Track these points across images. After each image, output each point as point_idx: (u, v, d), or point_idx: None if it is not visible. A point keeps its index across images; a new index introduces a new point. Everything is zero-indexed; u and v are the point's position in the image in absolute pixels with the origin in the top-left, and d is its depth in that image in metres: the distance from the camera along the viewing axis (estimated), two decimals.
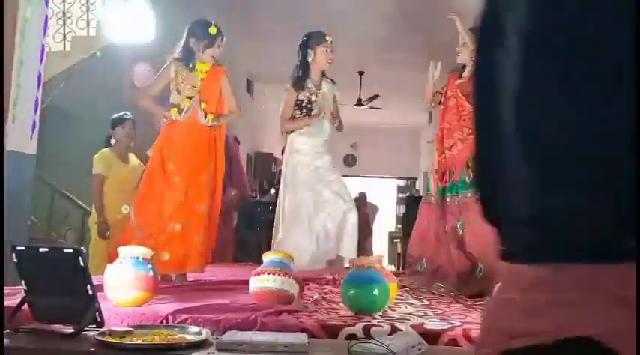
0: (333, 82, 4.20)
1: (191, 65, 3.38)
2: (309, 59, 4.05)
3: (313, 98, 4.07)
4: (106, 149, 4.69)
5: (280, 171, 4.67)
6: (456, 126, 3.55)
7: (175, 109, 3.33)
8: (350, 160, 13.84)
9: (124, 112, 4.78)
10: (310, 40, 4.06)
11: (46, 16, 3.83)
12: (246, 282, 2.60)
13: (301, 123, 4.09)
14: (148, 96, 3.49)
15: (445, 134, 3.62)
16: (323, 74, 4.14)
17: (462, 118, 3.54)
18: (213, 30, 3.38)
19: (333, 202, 4.00)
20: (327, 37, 4.05)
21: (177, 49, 3.42)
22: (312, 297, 2.78)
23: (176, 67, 3.38)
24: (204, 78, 3.41)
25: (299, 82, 4.08)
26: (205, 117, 3.36)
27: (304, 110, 4.09)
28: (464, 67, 3.69)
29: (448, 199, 3.49)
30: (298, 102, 4.09)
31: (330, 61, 4.08)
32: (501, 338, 0.65)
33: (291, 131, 4.16)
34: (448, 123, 3.63)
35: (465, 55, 3.64)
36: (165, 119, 3.43)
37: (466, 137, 3.48)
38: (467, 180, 3.40)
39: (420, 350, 1.80)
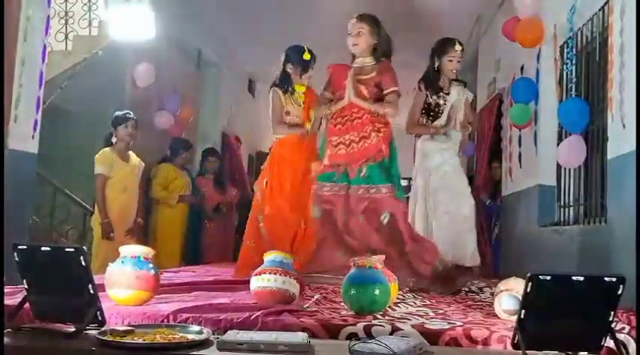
0: (464, 83, 4.14)
1: (290, 89, 3.80)
2: (436, 65, 4.06)
3: (441, 102, 4.04)
4: (107, 149, 4.69)
5: None
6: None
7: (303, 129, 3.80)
8: None
9: (126, 111, 4.78)
10: (439, 48, 4.08)
11: (48, 16, 3.85)
12: (247, 282, 2.60)
13: (427, 131, 4.09)
14: (281, 125, 3.81)
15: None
16: (453, 79, 4.10)
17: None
18: (307, 56, 3.78)
19: (455, 208, 3.91)
20: (457, 47, 4.02)
21: (276, 75, 3.85)
22: (313, 297, 2.78)
23: (278, 93, 3.82)
24: (304, 100, 3.83)
25: (429, 84, 4.05)
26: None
27: (431, 115, 4.08)
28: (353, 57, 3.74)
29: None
30: (426, 105, 4.07)
31: (453, 70, 4.07)
32: None
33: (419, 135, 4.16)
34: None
35: (363, 45, 3.67)
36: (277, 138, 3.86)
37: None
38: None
39: (420, 350, 1.80)
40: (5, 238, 2.32)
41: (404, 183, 4.15)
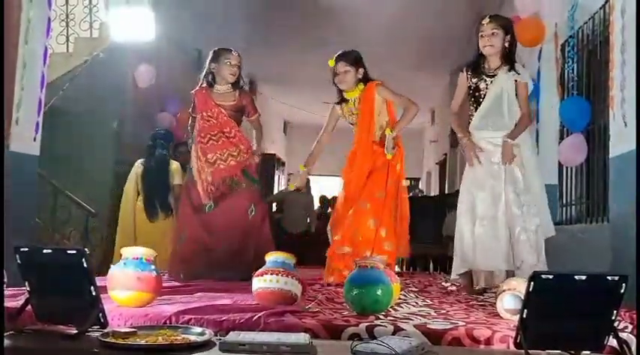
0: (514, 69, 3.45)
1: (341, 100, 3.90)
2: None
3: (482, 85, 3.48)
4: (176, 161, 5.09)
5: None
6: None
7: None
8: None
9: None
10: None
11: (49, 18, 3.84)
12: (249, 283, 2.60)
13: (458, 124, 3.61)
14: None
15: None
16: (504, 61, 3.46)
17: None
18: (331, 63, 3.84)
19: (499, 205, 3.39)
20: (485, 20, 3.46)
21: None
22: (315, 298, 2.78)
23: (336, 108, 3.93)
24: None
25: (472, 66, 3.53)
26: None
27: (473, 99, 3.52)
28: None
29: None
30: (470, 89, 3.52)
31: (485, 47, 3.42)
32: None
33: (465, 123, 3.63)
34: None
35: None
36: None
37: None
38: None
39: (423, 350, 1.80)
40: (8, 240, 2.32)
41: (405, 183, 4.08)
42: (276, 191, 11.51)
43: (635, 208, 2.64)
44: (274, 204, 8.83)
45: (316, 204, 9.52)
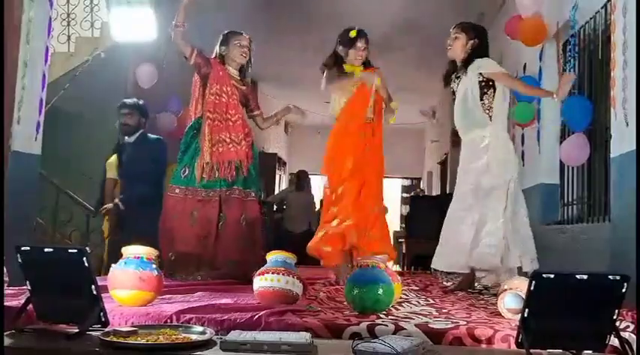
0: (471, 68, 3.56)
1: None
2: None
3: (455, 88, 3.70)
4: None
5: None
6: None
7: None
8: None
9: None
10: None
11: (50, 18, 3.84)
12: (250, 282, 2.60)
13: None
14: None
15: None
16: (465, 63, 3.60)
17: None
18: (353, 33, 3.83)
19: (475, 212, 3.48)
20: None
21: None
22: (317, 297, 2.78)
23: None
24: None
25: (447, 72, 3.76)
26: None
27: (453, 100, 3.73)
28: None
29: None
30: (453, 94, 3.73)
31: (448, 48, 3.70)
32: None
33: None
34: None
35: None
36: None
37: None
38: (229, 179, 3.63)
39: (424, 349, 1.80)
40: (10, 240, 2.32)
41: (406, 182, 4.10)
42: (277, 191, 11.50)
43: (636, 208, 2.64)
44: (275, 204, 8.83)
45: (317, 205, 9.51)
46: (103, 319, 1.92)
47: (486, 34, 3.73)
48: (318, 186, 9.97)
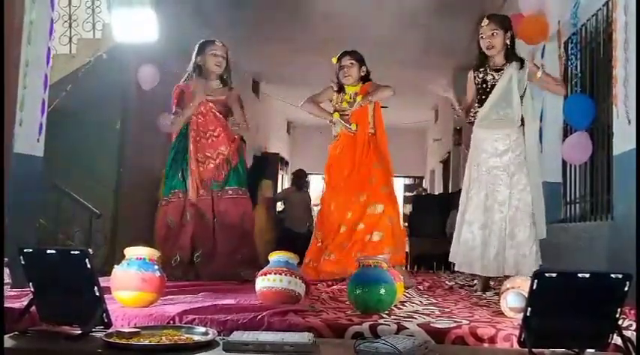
0: (521, 61, 3.47)
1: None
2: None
3: (489, 78, 3.47)
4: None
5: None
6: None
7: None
8: None
9: None
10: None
11: (52, 19, 3.85)
12: (252, 283, 2.61)
13: (464, 114, 3.56)
14: None
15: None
16: (507, 56, 3.46)
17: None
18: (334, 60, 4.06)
19: (494, 211, 3.35)
20: (483, 22, 3.49)
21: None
22: (319, 297, 2.78)
23: (332, 90, 4.11)
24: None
25: (477, 65, 3.53)
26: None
27: (480, 93, 3.49)
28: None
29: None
30: (478, 86, 3.50)
31: (487, 48, 3.45)
32: None
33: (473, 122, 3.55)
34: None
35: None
36: None
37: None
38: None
39: (426, 349, 1.80)
40: (12, 241, 2.33)
41: (408, 181, 4.12)
42: (279, 190, 11.51)
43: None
44: (278, 204, 8.83)
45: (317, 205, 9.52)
46: (106, 320, 1.93)
47: (511, 22, 3.62)
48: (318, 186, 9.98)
